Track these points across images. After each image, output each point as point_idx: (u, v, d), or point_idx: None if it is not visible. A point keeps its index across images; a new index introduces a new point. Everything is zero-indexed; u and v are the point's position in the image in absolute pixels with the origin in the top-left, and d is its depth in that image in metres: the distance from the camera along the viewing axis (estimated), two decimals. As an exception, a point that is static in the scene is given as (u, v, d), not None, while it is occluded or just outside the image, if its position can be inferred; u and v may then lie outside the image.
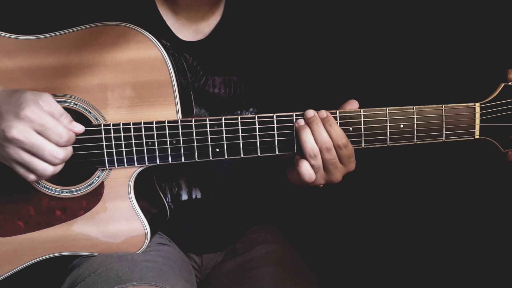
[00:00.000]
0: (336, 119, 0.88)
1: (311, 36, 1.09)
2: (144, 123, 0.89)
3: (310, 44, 1.09)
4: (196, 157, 0.90)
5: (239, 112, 1.07)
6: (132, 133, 0.89)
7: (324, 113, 0.87)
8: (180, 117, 0.90)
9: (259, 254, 1.10)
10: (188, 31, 1.03)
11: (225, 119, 0.89)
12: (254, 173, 1.13)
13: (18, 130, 0.78)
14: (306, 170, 0.86)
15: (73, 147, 0.87)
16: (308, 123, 0.87)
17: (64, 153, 0.82)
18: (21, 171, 0.83)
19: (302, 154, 0.87)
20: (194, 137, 0.89)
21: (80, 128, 0.86)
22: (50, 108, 0.82)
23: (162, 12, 1.02)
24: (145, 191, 0.97)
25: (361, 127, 0.89)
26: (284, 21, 1.07)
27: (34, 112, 0.79)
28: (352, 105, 0.89)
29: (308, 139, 0.85)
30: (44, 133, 0.80)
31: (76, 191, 0.93)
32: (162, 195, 1.02)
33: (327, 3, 1.34)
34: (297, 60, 1.08)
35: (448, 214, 1.48)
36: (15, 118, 0.78)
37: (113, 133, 0.90)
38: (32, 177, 0.83)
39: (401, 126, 0.89)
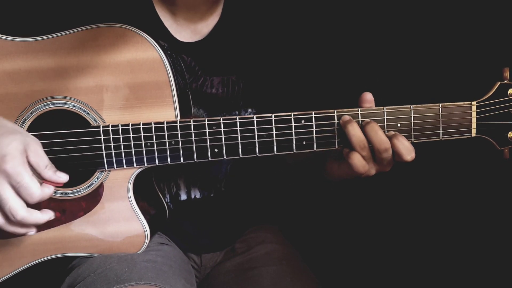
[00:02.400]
0: (334, 119, 0.89)
1: (309, 36, 1.10)
2: (143, 124, 0.90)
3: (308, 44, 1.09)
4: (195, 157, 0.90)
5: (237, 112, 1.07)
6: (131, 134, 0.90)
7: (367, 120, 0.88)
8: (179, 118, 0.91)
9: (259, 254, 1.10)
10: (186, 31, 1.03)
11: (223, 120, 0.89)
12: (253, 173, 1.13)
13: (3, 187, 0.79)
14: (359, 161, 0.86)
15: (72, 148, 0.88)
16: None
17: (24, 215, 0.81)
18: None
19: (350, 147, 0.87)
20: (193, 137, 0.90)
21: (64, 178, 0.85)
22: (36, 159, 0.82)
23: (160, 13, 1.02)
24: (144, 192, 0.97)
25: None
26: (282, 21, 1.08)
27: (15, 168, 0.79)
28: (366, 98, 0.89)
29: (355, 132, 0.86)
30: (17, 190, 0.80)
31: (75, 192, 0.93)
32: (161, 196, 1.02)
33: (325, 3, 1.34)
34: (295, 60, 1.09)
35: (446, 212, 1.48)
36: None
37: (112, 135, 0.90)
38: None
39: (398, 125, 0.89)
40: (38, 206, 0.92)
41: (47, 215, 0.84)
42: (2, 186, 0.79)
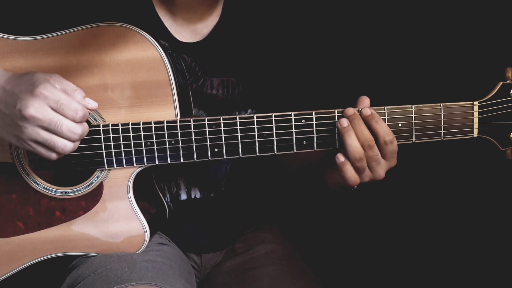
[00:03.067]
0: (334, 118, 0.88)
1: (309, 36, 1.09)
2: (143, 124, 0.89)
3: (308, 45, 1.09)
4: (195, 157, 0.90)
5: (237, 113, 1.07)
6: (131, 134, 0.90)
7: (368, 110, 0.86)
8: (179, 117, 0.90)
9: (259, 254, 1.10)
10: (186, 32, 1.03)
11: (223, 119, 0.89)
12: (253, 173, 1.13)
13: (35, 108, 0.78)
14: (351, 174, 0.85)
15: None
16: (350, 120, 0.86)
17: (81, 128, 0.82)
18: (42, 150, 0.82)
19: (345, 154, 0.86)
20: (193, 137, 0.89)
21: (93, 104, 0.84)
22: (62, 85, 0.81)
23: (160, 13, 1.02)
24: (144, 191, 0.97)
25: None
26: (282, 22, 1.07)
27: (48, 89, 0.79)
28: (364, 102, 0.88)
29: (352, 142, 0.84)
30: (60, 109, 0.80)
31: (75, 191, 0.93)
32: (161, 195, 1.02)
33: (325, 4, 1.34)
34: (295, 60, 1.08)
35: (447, 213, 1.48)
36: (30, 96, 0.78)
37: (112, 134, 0.90)
38: (53, 155, 0.83)
39: (400, 125, 0.89)
40: (38, 207, 0.93)
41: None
42: (46, 111, 0.78)
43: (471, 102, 0.89)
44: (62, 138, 0.81)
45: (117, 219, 0.93)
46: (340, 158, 0.87)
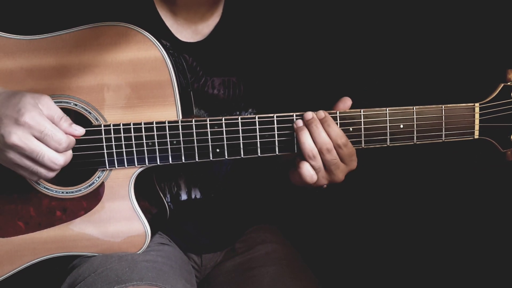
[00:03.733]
0: (336, 119, 0.88)
1: (310, 36, 1.09)
2: (145, 124, 0.89)
3: (309, 45, 1.09)
4: (197, 157, 0.90)
5: (238, 113, 1.07)
6: (133, 134, 0.90)
7: (322, 113, 0.88)
8: (180, 117, 0.90)
9: (259, 254, 1.10)
10: (187, 31, 1.03)
11: (225, 120, 0.89)
12: (253, 173, 1.13)
13: (18, 136, 0.79)
14: (307, 171, 0.87)
15: (73, 147, 0.87)
16: (307, 124, 0.87)
17: (63, 159, 0.83)
18: (25, 174, 0.85)
19: (301, 155, 0.87)
20: (195, 137, 0.89)
21: (80, 131, 0.86)
22: (49, 112, 0.82)
23: (161, 13, 1.02)
24: (145, 191, 0.97)
25: (361, 127, 0.89)
26: (283, 21, 1.07)
27: (33, 118, 0.79)
28: (345, 103, 0.89)
29: (306, 140, 0.86)
30: (44, 139, 0.81)
31: (76, 191, 0.93)
32: (162, 195, 1.02)
33: (326, 4, 1.34)
34: (296, 60, 1.08)
35: (448, 214, 1.48)
36: (14, 124, 0.79)
37: (114, 134, 0.90)
38: (35, 178, 0.86)
39: (401, 126, 0.89)
40: (39, 207, 0.93)
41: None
42: (30, 140, 0.79)
43: (472, 104, 0.89)
44: (43, 167, 0.82)
45: (118, 219, 0.93)
46: (297, 157, 0.89)
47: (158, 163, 0.91)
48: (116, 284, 0.85)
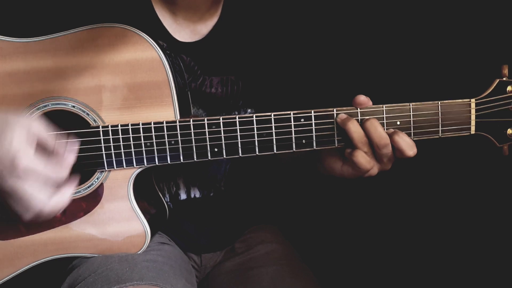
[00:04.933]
0: (333, 117, 0.89)
1: (308, 35, 1.10)
2: (143, 124, 0.90)
3: (306, 44, 1.10)
4: (195, 157, 0.90)
5: (236, 112, 1.07)
6: (131, 134, 0.90)
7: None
8: (178, 117, 0.91)
9: (259, 254, 1.10)
10: (186, 31, 1.03)
11: (223, 119, 0.89)
12: (252, 172, 1.13)
13: (13, 182, 0.76)
14: (363, 158, 0.86)
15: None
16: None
17: (52, 206, 0.80)
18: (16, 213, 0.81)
19: (351, 146, 0.87)
20: (193, 137, 0.90)
21: (74, 147, 0.83)
22: (42, 141, 0.79)
23: (159, 13, 1.02)
24: (144, 192, 0.97)
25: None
26: (281, 21, 1.08)
27: (28, 167, 0.76)
28: (360, 100, 0.89)
29: (356, 129, 0.86)
30: (42, 180, 0.78)
31: (75, 193, 0.93)
32: (161, 195, 1.02)
33: (323, 3, 1.35)
34: (294, 59, 1.09)
35: (446, 210, 1.48)
36: (10, 177, 0.76)
37: (112, 135, 0.90)
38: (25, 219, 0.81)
39: (398, 123, 0.89)
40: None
41: (68, 190, 0.82)
42: (22, 184, 0.76)
43: (468, 100, 0.90)
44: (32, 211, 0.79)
45: (117, 219, 0.93)
46: (347, 149, 0.88)
47: (157, 163, 0.91)
48: (116, 284, 0.85)
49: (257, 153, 0.90)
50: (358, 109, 0.89)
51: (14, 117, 0.79)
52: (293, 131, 0.89)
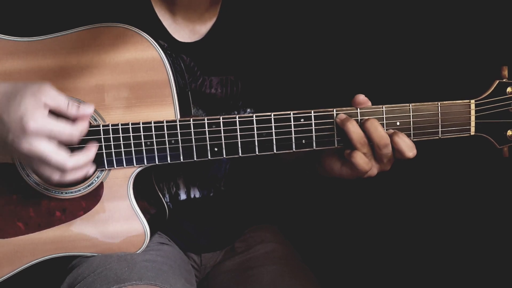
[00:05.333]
0: (332, 118, 0.89)
1: (307, 34, 1.10)
2: (143, 123, 0.90)
3: (306, 43, 1.10)
4: (195, 156, 0.91)
5: (236, 112, 1.07)
6: (131, 134, 0.90)
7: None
8: (178, 117, 0.91)
9: (258, 253, 1.10)
10: (185, 31, 1.03)
11: (223, 119, 0.89)
12: (252, 172, 1.13)
13: (29, 144, 0.79)
14: (362, 159, 0.86)
15: (72, 148, 0.87)
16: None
17: (73, 161, 0.82)
18: (43, 177, 0.85)
19: (350, 146, 0.87)
20: (193, 136, 0.90)
21: (89, 109, 0.84)
22: (54, 102, 0.81)
23: (158, 13, 1.02)
24: (144, 191, 0.98)
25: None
26: (279, 20, 1.08)
27: (37, 123, 0.78)
28: (359, 100, 0.89)
29: (355, 129, 0.85)
30: (54, 139, 0.80)
31: (75, 192, 0.93)
32: (161, 195, 1.02)
33: (322, 3, 1.35)
34: (293, 59, 1.09)
35: (446, 211, 1.48)
36: (21, 133, 0.78)
37: (112, 134, 0.90)
38: (53, 181, 0.84)
39: (397, 123, 0.89)
40: (38, 207, 0.93)
41: (93, 149, 0.86)
42: (37, 143, 0.78)
43: (468, 101, 0.90)
44: (56, 170, 0.82)
45: (117, 219, 0.93)
46: (346, 150, 0.88)
47: (157, 162, 0.91)
48: (115, 284, 0.85)
49: (257, 153, 0.90)
50: (358, 109, 0.89)
51: (23, 84, 0.82)
52: (293, 131, 0.89)
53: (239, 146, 0.90)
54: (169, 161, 0.91)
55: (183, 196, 1.08)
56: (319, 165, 0.95)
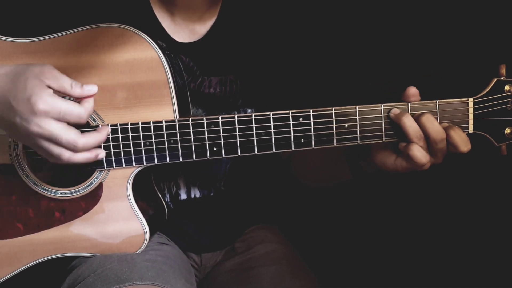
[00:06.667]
0: (331, 117, 0.89)
1: (306, 34, 1.10)
2: (142, 123, 0.90)
3: (305, 43, 1.10)
4: (194, 156, 0.91)
5: (235, 112, 1.07)
6: (130, 134, 0.90)
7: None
8: (177, 117, 0.91)
9: (258, 253, 1.10)
10: (184, 31, 1.04)
11: (222, 118, 0.89)
12: (252, 172, 1.13)
13: (38, 126, 0.79)
14: (419, 151, 0.85)
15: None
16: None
17: (84, 140, 0.82)
18: (53, 158, 0.84)
19: (406, 140, 0.87)
20: (192, 136, 0.90)
21: (94, 88, 0.84)
22: (58, 83, 0.81)
23: (157, 14, 1.02)
24: (143, 191, 0.98)
25: (356, 124, 0.89)
26: (279, 19, 1.08)
27: (46, 103, 0.78)
28: (410, 91, 0.89)
29: (412, 123, 0.86)
30: (64, 119, 0.80)
31: (74, 192, 0.93)
32: (160, 195, 1.02)
33: (322, 3, 1.35)
34: (292, 58, 1.09)
35: (445, 209, 1.48)
36: (30, 114, 0.78)
37: (111, 134, 0.90)
38: (62, 161, 0.83)
39: (397, 122, 0.89)
40: (37, 208, 0.93)
41: (104, 131, 0.86)
42: (46, 124, 0.79)
43: (466, 99, 0.90)
44: (65, 149, 0.81)
45: (116, 219, 0.93)
46: (402, 143, 0.88)
47: (156, 162, 0.91)
48: (115, 284, 0.85)
49: (256, 152, 0.91)
50: (357, 108, 0.89)
51: (24, 66, 0.82)
52: (291, 130, 0.89)
53: (238, 145, 0.90)
54: (168, 161, 0.91)
55: (183, 196, 1.08)
56: (368, 161, 0.93)
